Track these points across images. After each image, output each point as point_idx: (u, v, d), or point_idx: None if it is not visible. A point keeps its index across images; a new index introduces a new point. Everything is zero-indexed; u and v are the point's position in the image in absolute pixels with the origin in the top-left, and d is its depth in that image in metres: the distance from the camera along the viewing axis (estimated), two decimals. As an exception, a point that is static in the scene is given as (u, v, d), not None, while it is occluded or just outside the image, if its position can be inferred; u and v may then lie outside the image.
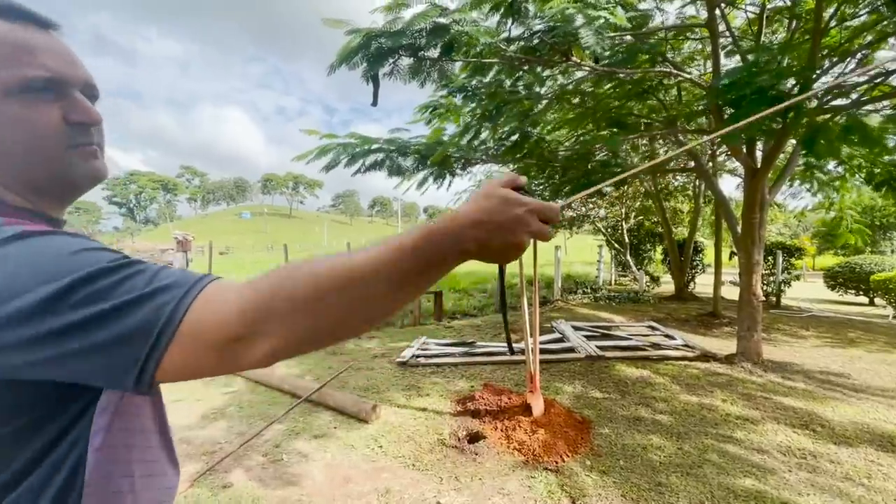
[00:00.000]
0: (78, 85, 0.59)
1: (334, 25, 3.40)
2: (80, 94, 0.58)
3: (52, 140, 0.55)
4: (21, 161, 0.55)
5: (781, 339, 6.45)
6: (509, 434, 3.08)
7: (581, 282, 13.44)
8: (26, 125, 0.53)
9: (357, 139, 4.88)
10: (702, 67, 6.73)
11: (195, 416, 3.66)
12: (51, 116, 0.55)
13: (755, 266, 4.97)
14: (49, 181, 0.57)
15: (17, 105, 0.53)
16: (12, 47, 0.53)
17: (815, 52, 4.21)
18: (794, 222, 21.59)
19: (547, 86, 5.44)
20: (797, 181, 7.75)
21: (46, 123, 0.55)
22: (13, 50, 0.53)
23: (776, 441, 3.17)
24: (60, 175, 0.57)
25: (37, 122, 0.54)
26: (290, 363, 5.12)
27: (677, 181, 11.73)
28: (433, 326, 7.48)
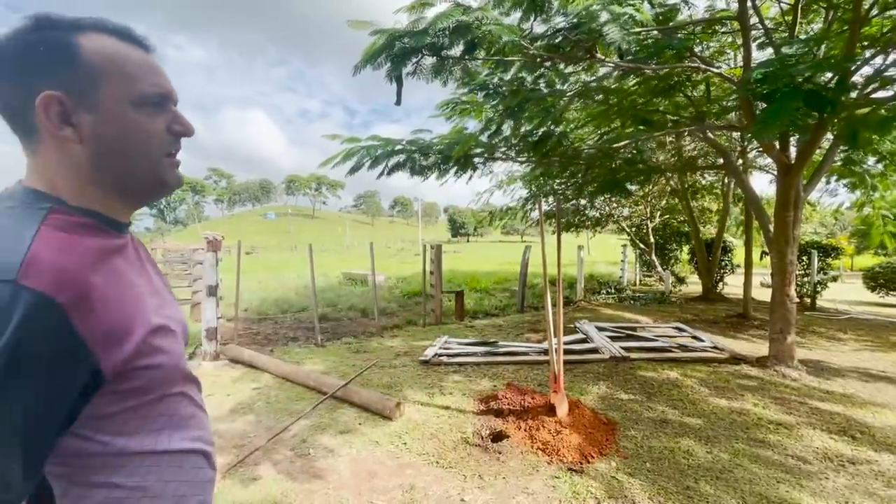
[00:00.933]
0: (176, 101, 0.68)
1: (359, 27, 3.46)
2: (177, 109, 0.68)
3: (155, 146, 0.65)
4: (128, 162, 0.63)
5: (817, 342, 6.21)
6: (533, 434, 3.06)
7: (605, 282, 13.25)
8: (141, 132, 0.63)
9: (379, 141, 4.94)
10: (732, 62, 6.54)
11: (225, 410, 3.77)
12: (158, 126, 0.64)
13: (789, 266, 4.80)
14: (143, 183, 0.66)
15: (137, 114, 0.62)
16: (137, 66, 0.63)
17: (853, 42, 4.04)
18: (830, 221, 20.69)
19: (570, 83, 5.38)
20: (834, 177, 7.43)
21: (155, 131, 0.64)
22: (137, 68, 0.63)
23: (812, 447, 3.05)
24: (153, 178, 0.66)
25: (149, 130, 0.63)
26: (316, 360, 5.22)
27: (705, 179, 11.41)
28: (455, 326, 7.49)
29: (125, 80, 0.61)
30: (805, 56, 3.89)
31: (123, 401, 0.60)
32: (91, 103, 0.59)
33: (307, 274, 6.79)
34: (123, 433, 0.60)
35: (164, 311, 0.69)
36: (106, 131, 0.60)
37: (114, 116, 0.60)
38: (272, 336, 7.15)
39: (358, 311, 9.26)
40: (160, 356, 0.63)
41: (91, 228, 0.61)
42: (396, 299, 11.08)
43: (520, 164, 7.31)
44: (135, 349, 0.58)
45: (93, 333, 0.53)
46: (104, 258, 0.60)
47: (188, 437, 0.69)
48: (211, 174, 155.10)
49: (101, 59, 0.59)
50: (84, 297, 0.53)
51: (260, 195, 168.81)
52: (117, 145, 0.61)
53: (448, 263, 19.03)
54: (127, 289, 0.61)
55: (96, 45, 0.60)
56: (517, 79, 4.75)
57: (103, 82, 0.59)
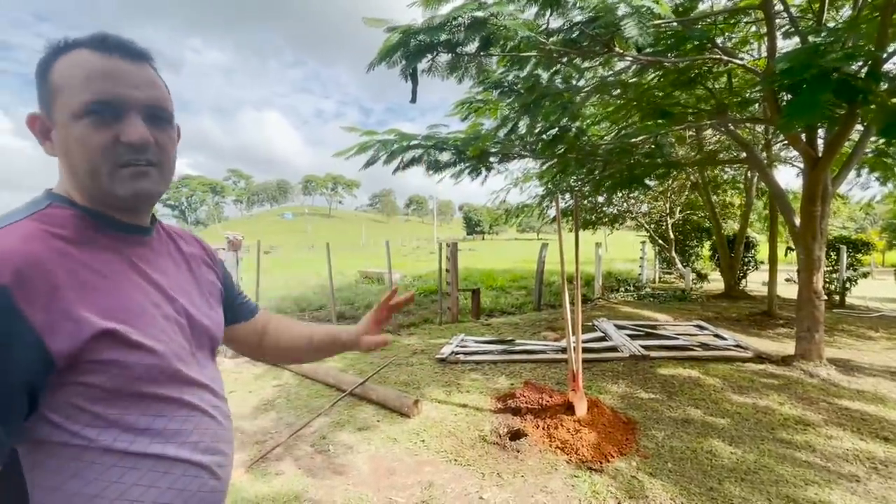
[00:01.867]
0: (137, 108, 0.65)
1: (374, 24, 3.47)
2: (138, 117, 0.65)
3: (99, 157, 0.63)
4: (81, 175, 0.64)
5: (846, 341, 6.00)
6: (551, 433, 3.04)
7: (623, 279, 13.05)
8: (80, 143, 0.62)
9: (396, 135, 4.96)
10: (756, 52, 6.35)
11: (248, 406, 3.84)
12: (101, 136, 0.62)
13: (816, 262, 4.65)
14: (101, 194, 0.65)
15: (77, 125, 0.62)
16: (87, 76, 0.62)
17: (885, 29, 3.87)
18: (860, 215, 19.96)
19: (586, 78, 5.30)
20: (864, 170, 7.16)
21: (99, 143, 0.62)
22: (86, 79, 0.62)
23: (842, 448, 2.96)
24: (109, 189, 0.64)
25: (88, 141, 0.62)
26: (335, 358, 5.28)
27: (727, 173, 11.12)
28: (471, 324, 7.48)
29: (70, 93, 0.61)
30: (833, 45, 3.75)
31: (92, 392, 0.60)
32: (53, 120, 0.64)
33: (325, 272, 6.86)
34: (94, 425, 0.60)
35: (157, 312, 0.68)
36: (61, 144, 0.64)
37: (62, 129, 0.63)
38: (291, 334, 7.26)
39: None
40: (128, 353, 0.61)
41: (81, 223, 0.64)
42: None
43: (536, 161, 7.25)
44: (86, 342, 0.58)
45: (41, 318, 0.54)
46: (83, 250, 0.62)
47: (179, 443, 0.67)
48: (230, 175, 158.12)
49: (60, 75, 0.62)
50: (30, 281, 0.54)
51: (277, 195, 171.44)
52: (68, 158, 0.64)
53: (464, 261, 19.00)
54: (100, 281, 0.62)
55: (66, 62, 0.62)
56: (533, 75, 4.71)
57: (57, 98, 0.62)
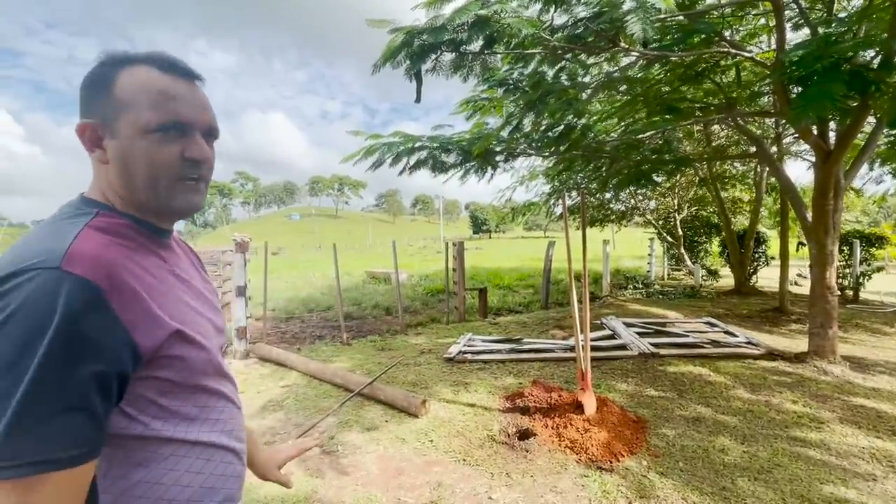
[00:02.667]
0: (201, 128, 0.72)
1: (378, 25, 3.46)
2: (200, 136, 0.72)
3: (163, 172, 0.69)
4: (138, 184, 0.68)
5: (860, 337, 5.90)
6: (560, 432, 3.02)
7: (631, 277, 12.95)
8: (145, 158, 0.67)
9: (401, 137, 4.95)
10: (765, 45, 6.26)
11: (256, 406, 3.86)
12: (168, 152, 0.68)
13: (829, 257, 4.57)
14: (156, 204, 0.70)
15: (144, 141, 0.67)
16: (156, 96, 0.67)
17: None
18: (873, 209, 19.62)
19: (592, 74, 5.26)
20: (877, 163, 7.04)
21: (165, 158, 0.68)
22: (156, 98, 0.67)
23: (858, 446, 2.90)
24: (160, 202, 0.70)
25: (154, 157, 0.68)
26: (342, 358, 5.30)
27: (736, 168, 10.98)
28: (478, 323, 7.47)
29: (140, 110, 0.66)
30: (845, 35, 3.68)
31: (161, 385, 0.65)
32: (113, 130, 0.67)
33: (332, 273, 6.89)
34: (160, 417, 0.65)
35: (198, 313, 0.75)
36: (121, 156, 0.67)
37: (126, 143, 0.67)
38: (299, 334, 7.29)
39: (382, 309, 9.34)
40: (190, 349, 0.68)
41: (131, 230, 0.68)
42: (419, 297, 11.13)
43: (542, 158, 7.21)
44: (166, 337, 0.63)
45: (128, 316, 0.59)
46: (140, 256, 0.67)
47: (219, 431, 0.73)
48: (237, 177, 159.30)
49: (127, 91, 0.67)
50: (119, 284, 0.59)
51: (284, 197, 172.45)
52: (128, 169, 0.68)
53: (470, 260, 18.97)
54: (160, 285, 0.67)
55: (131, 78, 0.67)
56: (538, 72, 4.68)
57: (123, 112, 0.66)
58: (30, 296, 0.53)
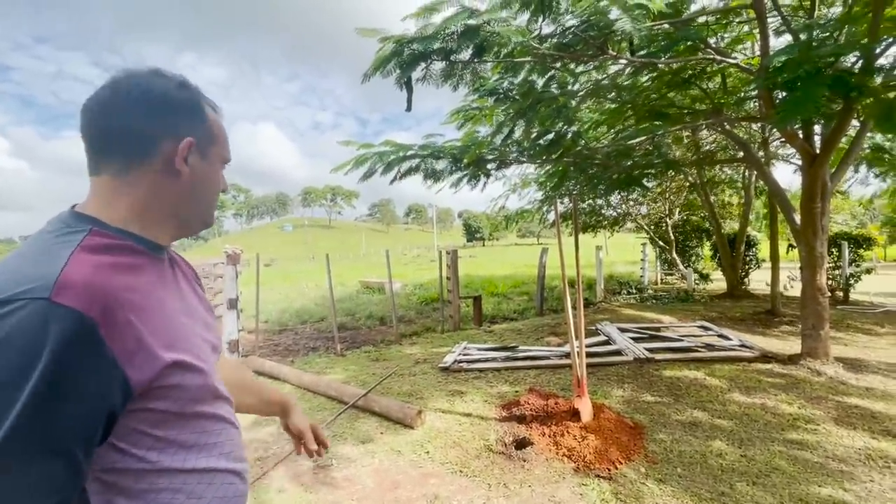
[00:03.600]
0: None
1: (367, 34, 3.48)
2: None
3: (216, 199, 0.81)
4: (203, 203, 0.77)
5: (852, 338, 5.95)
6: (558, 440, 2.99)
7: (625, 282, 13.00)
8: (219, 184, 0.79)
9: (392, 147, 4.95)
10: (749, 52, 6.38)
11: (247, 420, 3.79)
12: (221, 183, 0.80)
13: (819, 259, 4.62)
14: (199, 221, 0.78)
15: (221, 171, 0.80)
16: (225, 135, 0.80)
17: (876, 24, 3.88)
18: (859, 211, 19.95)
19: (581, 82, 5.31)
20: (863, 166, 7.16)
21: (220, 188, 0.80)
22: (226, 137, 0.80)
23: (854, 447, 2.90)
24: (206, 220, 0.79)
25: (220, 185, 0.80)
26: (336, 369, 5.23)
27: (725, 173, 11.12)
28: (473, 331, 7.43)
29: (222, 144, 0.78)
30: (826, 41, 3.75)
31: (156, 417, 0.62)
32: (205, 153, 0.74)
33: (325, 284, 6.84)
34: (156, 448, 0.63)
35: (195, 333, 0.72)
36: (206, 177, 0.75)
37: (212, 167, 0.76)
38: (292, 346, 7.21)
39: (376, 319, 9.29)
40: (187, 376, 0.65)
41: (127, 249, 0.65)
42: (414, 306, 11.08)
43: (534, 166, 7.25)
44: (161, 369, 0.61)
45: (121, 349, 0.56)
46: (135, 277, 0.63)
47: (218, 455, 0.72)
48: (229, 189, 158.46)
49: (213, 123, 0.76)
50: (113, 313, 0.56)
51: (277, 208, 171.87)
52: (207, 188, 0.76)
53: (464, 268, 18.95)
54: (158, 310, 0.64)
55: (211, 112, 0.77)
56: (528, 81, 4.72)
57: (213, 143, 0.76)
58: (16, 330, 0.50)
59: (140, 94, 0.67)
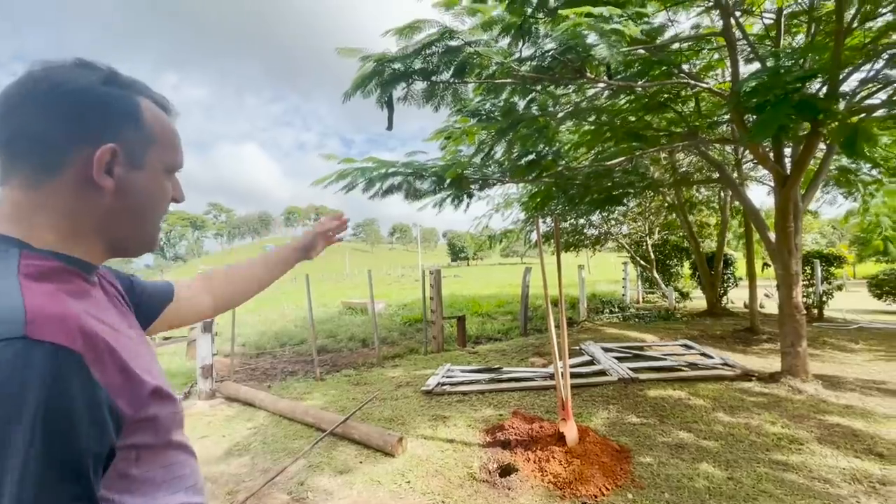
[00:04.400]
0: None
1: (348, 54, 3.48)
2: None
3: (162, 210, 0.68)
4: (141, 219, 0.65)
5: (829, 355, 6.05)
6: (543, 465, 2.90)
7: (607, 301, 13.09)
8: (163, 196, 0.66)
9: (375, 163, 4.92)
10: (721, 77, 6.62)
11: (220, 451, 3.60)
12: (169, 192, 0.68)
13: (794, 277, 4.71)
14: (139, 240, 0.66)
15: (165, 180, 0.66)
16: (173, 136, 0.67)
17: (838, 52, 4.07)
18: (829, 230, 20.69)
19: (561, 103, 5.42)
20: (830, 187, 7.43)
21: (168, 194, 0.68)
22: (173, 138, 0.67)
23: (839, 467, 2.89)
24: (149, 238, 0.67)
25: (167, 196, 0.67)
26: (315, 395, 5.05)
27: (702, 193, 11.43)
28: (457, 352, 7.32)
29: (168, 149, 0.66)
30: (792, 67, 3.91)
31: (133, 454, 0.56)
32: (138, 161, 0.61)
33: (306, 304, 6.67)
34: (129, 490, 0.55)
35: (150, 355, 0.66)
36: (140, 189, 0.62)
37: (151, 176, 0.63)
38: (270, 371, 6.97)
39: (358, 341, 9.09)
40: (163, 405, 0.60)
41: (65, 273, 0.57)
42: (397, 327, 10.91)
43: (516, 186, 7.32)
44: (146, 398, 0.56)
45: (109, 381, 0.50)
46: (89, 304, 0.56)
47: (184, 489, 0.65)
48: (211, 209, 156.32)
49: (155, 124, 0.64)
50: (94, 343, 0.50)
51: (259, 228, 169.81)
52: (144, 203, 0.64)
53: (449, 288, 18.85)
54: (120, 335, 0.58)
55: (151, 110, 0.64)
56: (509, 102, 4.78)
57: (151, 146, 0.63)
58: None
59: (50, 91, 0.55)
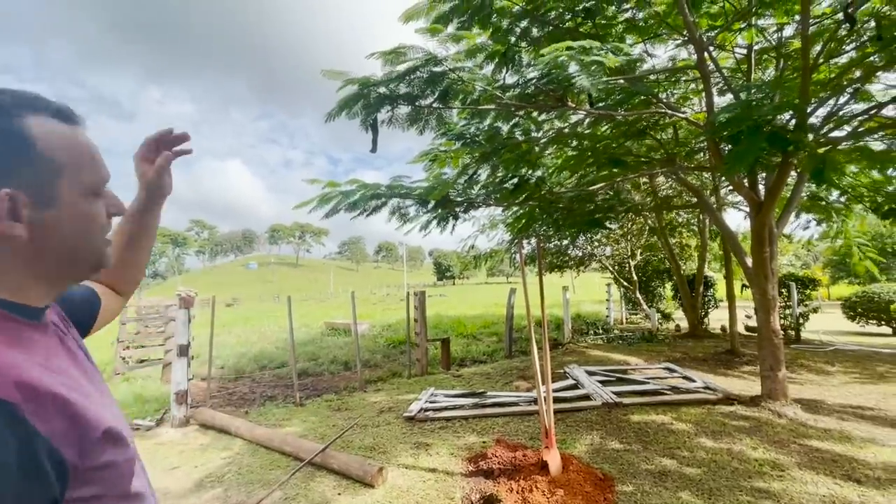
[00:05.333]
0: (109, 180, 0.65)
1: (333, 77, 3.51)
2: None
3: (99, 231, 0.62)
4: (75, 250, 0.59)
5: (806, 377, 6.14)
6: (526, 496, 2.84)
7: (591, 322, 13.15)
8: (91, 220, 0.60)
9: (358, 185, 4.92)
10: (697, 107, 6.88)
11: (191, 482, 3.44)
12: (100, 210, 0.61)
13: (771, 301, 4.80)
14: (83, 267, 0.62)
15: (87, 204, 0.59)
16: (84, 154, 0.59)
17: (805, 87, 4.28)
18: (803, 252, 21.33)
19: (544, 129, 5.54)
20: (803, 213, 7.68)
21: (99, 217, 0.61)
22: (86, 157, 0.59)
23: (818, 494, 2.90)
24: (94, 261, 0.62)
25: (96, 217, 0.61)
26: (294, 421, 4.90)
27: (682, 217, 11.70)
28: (441, 375, 7.22)
29: (78, 171, 0.58)
30: (763, 101, 4.08)
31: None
32: (48, 198, 0.54)
33: (288, 325, 6.53)
34: None
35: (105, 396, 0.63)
36: (60, 224, 0.56)
37: (70, 209, 0.57)
38: (248, 395, 6.76)
39: (340, 364, 8.91)
40: (117, 450, 0.56)
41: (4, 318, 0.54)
42: (381, 349, 10.74)
43: (500, 208, 7.38)
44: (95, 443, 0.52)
45: (51, 429, 0.47)
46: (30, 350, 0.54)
47: None
48: (193, 226, 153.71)
49: (57, 150, 0.55)
50: (33, 389, 0.47)
51: (242, 245, 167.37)
52: (69, 236, 0.57)
53: (434, 307, 18.73)
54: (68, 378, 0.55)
55: (48, 132, 0.55)
56: (493, 127, 4.87)
57: (59, 176, 0.55)
58: None
59: None
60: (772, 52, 5.36)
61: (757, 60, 5.45)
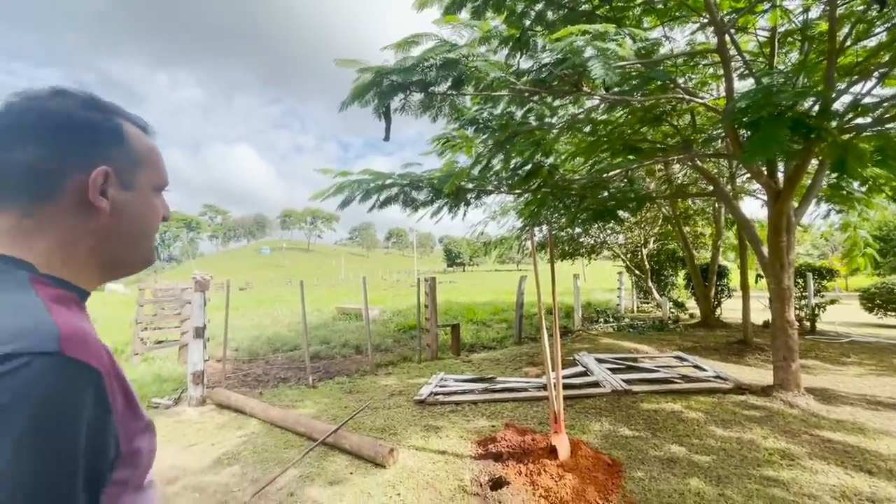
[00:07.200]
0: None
1: (346, 65, 3.49)
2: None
3: (156, 228, 0.69)
4: (137, 239, 0.66)
5: (821, 368, 6.08)
6: (534, 479, 2.89)
7: (602, 310, 13.11)
8: (155, 215, 0.68)
9: (371, 175, 4.93)
10: (715, 92, 6.70)
11: (209, 460, 3.56)
12: (160, 209, 0.69)
13: (787, 292, 4.74)
14: (136, 258, 0.67)
15: (155, 199, 0.68)
16: (158, 157, 0.69)
17: (831, 72, 4.14)
18: (821, 242, 20.89)
19: (558, 115, 5.46)
20: (822, 202, 7.49)
21: (160, 212, 0.69)
22: (159, 159, 0.69)
23: (829, 484, 2.89)
24: (146, 255, 0.68)
25: (158, 214, 0.69)
26: (307, 402, 5.02)
27: (696, 205, 11.51)
28: (451, 361, 7.30)
29: (154, 169, 0.67)
30: (785, 86, 3.97)
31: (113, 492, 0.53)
32: (128, 182, 0.63)
33: (301, 309, 6.64)
34: None
35: None
36: (134, 209, 0.64)
37: (143, 198, 0.65)
38: (262, 377, 6.92)
39: (352, 347, 9.04)
40: (150, 439, 0.60)
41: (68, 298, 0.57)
42: (391, 334, 10.87)
43: (512, 196, 7.34)
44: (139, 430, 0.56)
45: (115, 408, 0.51)
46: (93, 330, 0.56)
47: None
48: (206, 210, 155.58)
49: (140, 147, 0.66)
50: (110, 369, 0.51)
51: (255, 230, 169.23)
52: (137, 223, 0.65)
53: (444, 294, 18.84)
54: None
55: (134, 133, 0.66)
56: (506, 113, 4.81)
57: (140, 167, 0.65)
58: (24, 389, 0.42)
59: (36, 121, 0.56)
60: (796, 35, 5.18)
61: (780, 43, 5.28)
